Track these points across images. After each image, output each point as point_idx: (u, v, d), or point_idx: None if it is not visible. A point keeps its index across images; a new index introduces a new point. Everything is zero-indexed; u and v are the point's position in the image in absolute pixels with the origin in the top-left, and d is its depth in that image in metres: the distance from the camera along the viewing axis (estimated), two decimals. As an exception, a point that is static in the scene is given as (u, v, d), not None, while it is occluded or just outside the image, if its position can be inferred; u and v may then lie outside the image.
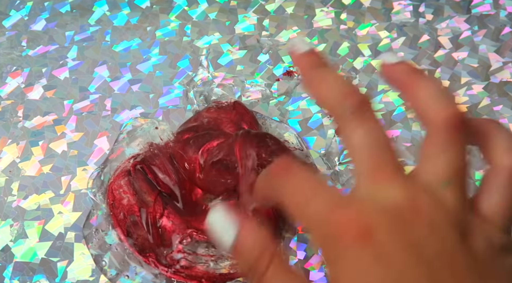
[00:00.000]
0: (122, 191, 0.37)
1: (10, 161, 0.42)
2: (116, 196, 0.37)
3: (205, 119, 0.41)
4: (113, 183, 0.38)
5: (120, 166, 0.39)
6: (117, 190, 0.38)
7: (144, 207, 0.37)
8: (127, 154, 0.40)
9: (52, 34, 0.47)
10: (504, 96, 0.44)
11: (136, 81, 0.45)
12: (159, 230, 0.36)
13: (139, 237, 0.36)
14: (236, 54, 0.46)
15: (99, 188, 0.39)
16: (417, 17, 0.48)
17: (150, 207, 0.37)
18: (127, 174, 0.38)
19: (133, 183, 0.37)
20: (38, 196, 0.40)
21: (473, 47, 0.46)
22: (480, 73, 0.45)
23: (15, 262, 0.38)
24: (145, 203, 0.37)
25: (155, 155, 0.39)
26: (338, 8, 0.48)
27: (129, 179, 0.37)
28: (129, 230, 0.37)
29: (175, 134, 0.40)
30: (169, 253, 0.36)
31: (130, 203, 0.37)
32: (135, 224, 0.36)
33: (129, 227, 0.37)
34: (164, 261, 0.36)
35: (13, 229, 0.39)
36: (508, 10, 0.48)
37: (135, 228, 0.36)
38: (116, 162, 0.40)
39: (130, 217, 0.37)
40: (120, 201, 0.37)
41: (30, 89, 0.45)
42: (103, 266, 0.37)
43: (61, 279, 0.38)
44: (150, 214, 0.36)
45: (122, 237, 0.37)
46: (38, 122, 0.43)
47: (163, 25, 0.48)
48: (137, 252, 0.37)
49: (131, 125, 0.41)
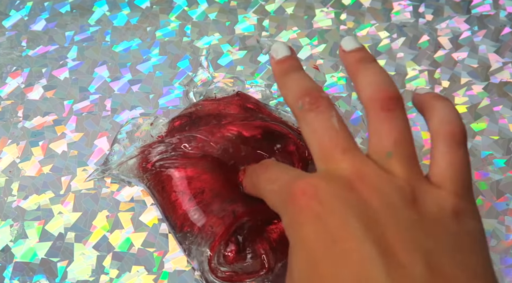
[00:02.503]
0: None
1: (10, 161, 0.42)
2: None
3: (199, 106, 0.41)
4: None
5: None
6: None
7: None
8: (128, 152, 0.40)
9: (52, 34, 0.47)
10: (504, 97, 0.44)
11: (136, 82, 0.45)
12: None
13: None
14: (236, 54, 0.46)
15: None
16: (417, 17, 0.48)
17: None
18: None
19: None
20: (38, 196, 0.40)
21: (473, 47, 0.46)
22: (480, 73, 0.45)
23: (15, 262, 0.38)
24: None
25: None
26: (338, 8, 0.48)
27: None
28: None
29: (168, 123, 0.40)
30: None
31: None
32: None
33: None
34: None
35: (13, 229, 0.39)
36: (508, 10, 0.48)
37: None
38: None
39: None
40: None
41: (30, 90, 0.45)
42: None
43: (61, 279, 0.38)
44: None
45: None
46: (38, 123, 0.43)
47: (163, 25, 0.48)
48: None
49: (130, 124, 0.41)
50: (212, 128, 0.38)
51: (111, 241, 0.39)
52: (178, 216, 0.36)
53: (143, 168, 0.39)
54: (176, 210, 0.36)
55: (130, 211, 0.40)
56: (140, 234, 0.39)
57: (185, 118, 0.40)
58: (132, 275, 0.37)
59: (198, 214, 0.36)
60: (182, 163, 0.37)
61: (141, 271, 0.38)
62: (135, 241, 0.39)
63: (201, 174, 0.37)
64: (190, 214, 0.36)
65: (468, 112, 0.43)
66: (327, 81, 0.45)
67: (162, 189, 0.37)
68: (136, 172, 0.39)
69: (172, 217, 0.37)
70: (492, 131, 0.42)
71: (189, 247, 0.36)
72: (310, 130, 0.27)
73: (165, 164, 0.38)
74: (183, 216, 0.36)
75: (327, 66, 0.45)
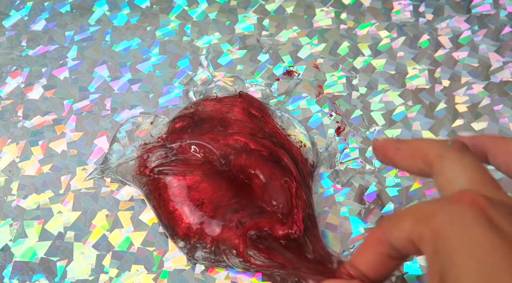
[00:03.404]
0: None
1: (9, 161, 0.42)
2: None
3: (200, 106, 0.41)
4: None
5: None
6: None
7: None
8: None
9: (52, 34, 0.47)
10: (504, 96, 0.43)
11: (136, 81, 0.45)
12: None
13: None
14: (236, 54, 0.46)
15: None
16: (417, 17, 0.48)
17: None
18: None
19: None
20: (37, 195, 0.40)
21: (473, 47, 0.46)
22: (480, 73, 0.45)
23: (14, 262, 0.38)
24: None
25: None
26: (338, 8, 0.48)
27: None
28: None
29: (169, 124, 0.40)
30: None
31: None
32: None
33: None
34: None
35: (12, 229, 0.39)
36: (508, 10, 0.48)
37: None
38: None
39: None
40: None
41: (30, 89, 0.45)
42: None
43: (60, 278, 0.37)
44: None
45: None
46: (38, 122, 0.43)
47: (163, 25, 0.48)
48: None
49: (130, 123, 0.41)
50: (217, 135, 0.38)
51: (111, 240, 0.39)
52: (180, 227, 0.37)
53: (141, 172, 0.39)
54: (177, 221, 0.37)
55: (129, 210, 0.39)
56: (139, 233, 0.39)
57: (187, 120, 0.40)
58: (132, 274, 0.37)
59: (207, 227, 0.36)
60: (182, 170, 0.37)
61: (140, 270, 0.38)
62: (134, 240, 0.38)
63: (200, 182, 0.37)
64: (197, 227, 0.36)
65: (469, 112, 0.43)
66: (327, 80, 0.45)
67: (159, 195, 0.38)
68: (134, 174, 0.39)
69: (173, 227, 0.37)
70: (492, 131, 0.42)
71: (201, 254, 0.36)
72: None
73: (164, 170, 0.38)
74: (187, 228, 0.36)
75: (327, 65, 0.45)
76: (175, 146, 0.38)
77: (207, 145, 0.38)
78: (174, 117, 0.41)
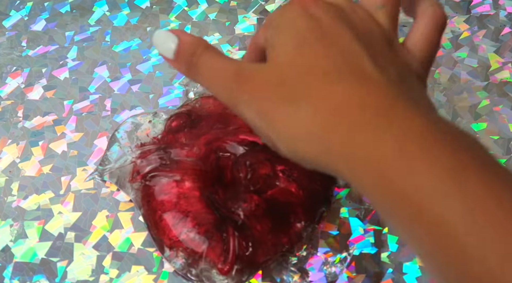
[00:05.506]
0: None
1: (10, 161, 0.42)
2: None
3: (197, 103, 0.41)
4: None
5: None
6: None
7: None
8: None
9: (52, 34, 0.47)
10: (504, 96, 0.44)
11: (136, 82, 0.45)
12: None
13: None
14: (236, 54, 0.46)
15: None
16: (417, 17, 0.48)
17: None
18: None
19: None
20: (38, 196, 0.40)
21: (473, 47, 0.46)
22: (480, 73, 0.45)
23: (15, 262, 0.38)
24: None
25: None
26: (338, 8, 0.48)
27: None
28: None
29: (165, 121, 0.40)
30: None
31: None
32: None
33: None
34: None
35: (13, 229, 0.39)
36: (508, 10, 0.48)
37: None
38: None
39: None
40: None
41: (30, 90, 0.45)
42: None
43: (61, 279, 0.38)
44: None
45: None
46: (38, 123, 0.43)
47: (163, 25, 0.48)
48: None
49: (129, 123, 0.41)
50: (217, 134, 0.38)
51: (111, 241, 0.39)
52: (167, 238, 0.36)
53: (133, 178, 0.38)
54: (164, 232, 0.36)
55: (129, 211, 0.40)
56: (139, 234, 0.39)
57: (184, 117, 0.40)
58: (132, 275, 0.37)
59: (191, 243, 0.36)
60: (172, 175, 0.37)
61: (141, 271, 0.38)
62: (135, 241, 0.39)
63: (191, 190, 0.36)
64: (184, 242, 0.36)
65: (468, 112, 0.43)
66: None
67: (147, 203, 0.37)
68: (128, 180, 0.39)
69: (161, 239, 0.36)
70: (492, 131, 0.42)
71: (187, 268, 0.36)
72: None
73: (155, 176, 0.37)
74: (174, 242, 0.36)
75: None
76: (173, 153, 0.38)
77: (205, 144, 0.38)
78: (171, 115, 0.40)
